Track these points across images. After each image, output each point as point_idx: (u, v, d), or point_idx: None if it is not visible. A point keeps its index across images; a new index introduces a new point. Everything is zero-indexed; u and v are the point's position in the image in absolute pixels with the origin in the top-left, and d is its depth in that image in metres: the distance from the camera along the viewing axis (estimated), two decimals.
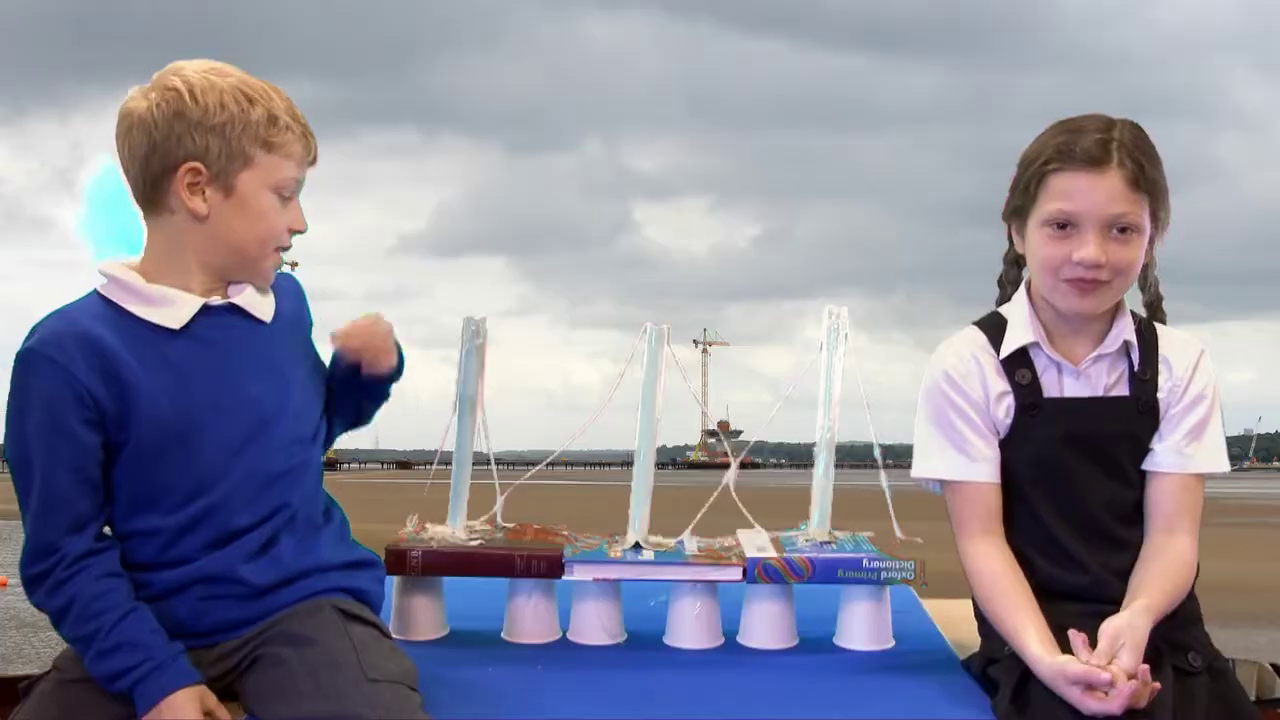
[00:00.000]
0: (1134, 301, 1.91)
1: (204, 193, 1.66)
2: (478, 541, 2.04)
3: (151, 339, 1.67)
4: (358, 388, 1.88)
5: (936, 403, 1.87)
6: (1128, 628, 1.64)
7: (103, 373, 1.63)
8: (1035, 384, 1.85)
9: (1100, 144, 1.76)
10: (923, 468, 1.89)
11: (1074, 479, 1.84)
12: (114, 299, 1.68)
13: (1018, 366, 1.85)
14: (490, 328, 2.04)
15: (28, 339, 1.64)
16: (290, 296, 1.84)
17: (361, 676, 1.57)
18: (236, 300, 1.73)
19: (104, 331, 1.64)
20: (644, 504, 2.06)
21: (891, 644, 2.04)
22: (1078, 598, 1.81)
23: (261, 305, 1.76)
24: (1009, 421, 1.85)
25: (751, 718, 1.75)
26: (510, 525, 2.14)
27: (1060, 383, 1.86)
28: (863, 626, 2.02)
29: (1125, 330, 1.85)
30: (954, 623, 2.15)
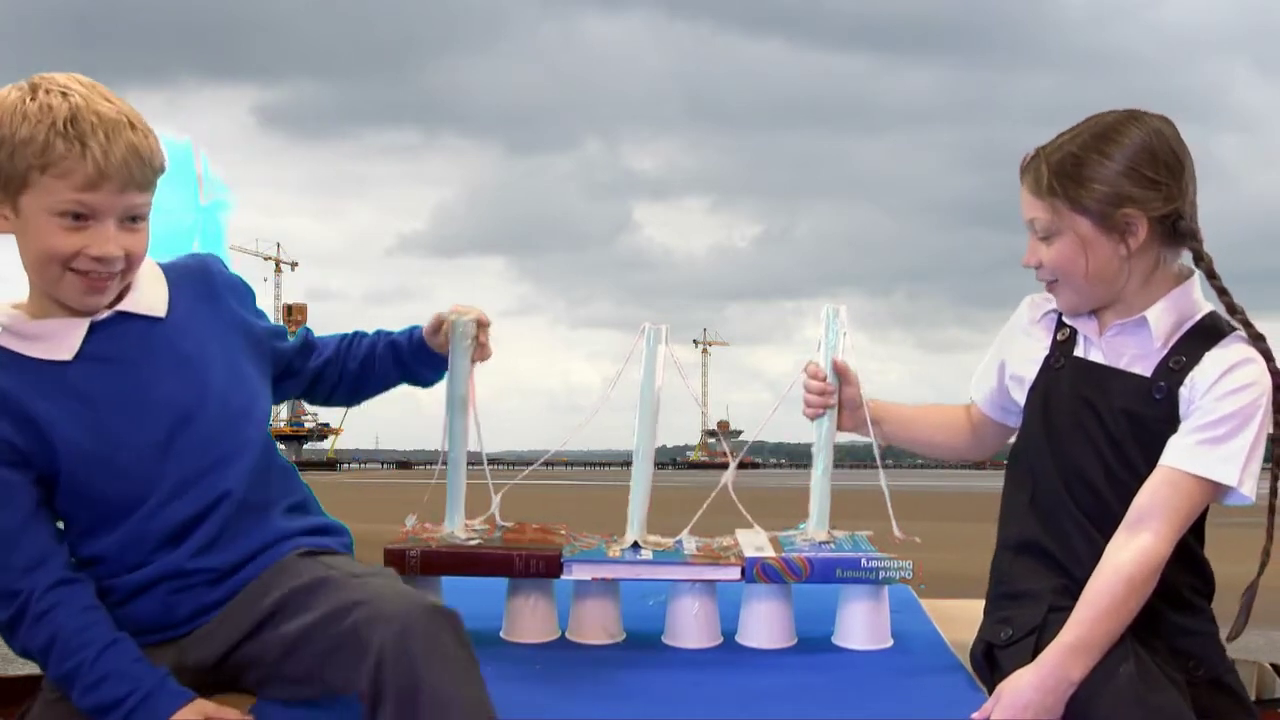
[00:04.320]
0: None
1: (2, 211, 1.63)
2: (476, 541, 2.04)
3: (48, 372, 1.66)
4: (413, 368, 2.03)
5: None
6: (1007, 684, 1.72)
7: (10, 416, 1.62)
8: (1070, 341, 1.91)
9: (1023, 164, 1.88)
10: None
11: (1075, 439, 1.85)
12: (4, 344, 1.67)
13: (1063, 324, 1.94)
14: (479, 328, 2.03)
15: None
16: (191, 280, 1.80)
17: (347, 578, 1.59)
18: (123, 307, 1.70)
19: (3, 377, 1.64)
20: (642, 503, 2.06)
21: (890, 643, 2.03)
22: (1056, 565, 1.83)
23: (152, 301, 1.73)
24: (1038, 367, 1.93)
25: (750, 717, 1.74)
26: (509, 525, 2.14)
27: (1086, 347, 1.90)
28: (861, 626, 2.02)
29: (1155, 311, 1.82)
30: (953, 622, 2.15)
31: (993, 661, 1.83)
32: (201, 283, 1.81)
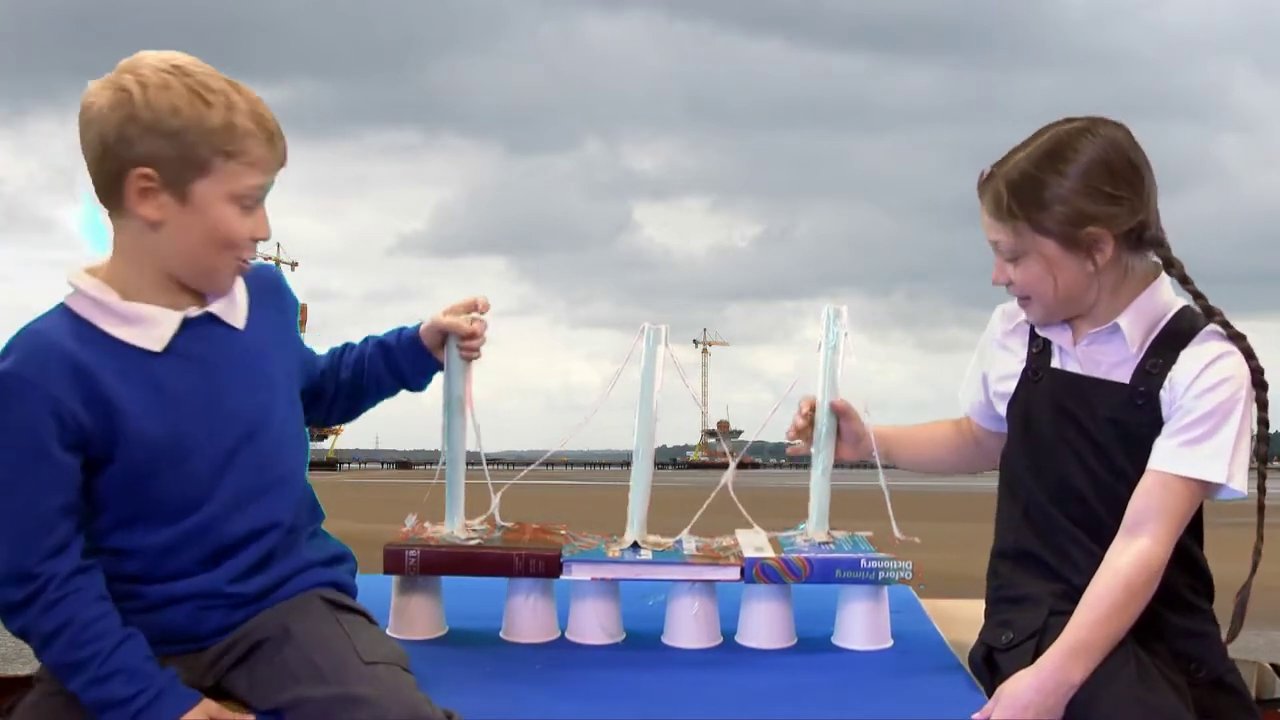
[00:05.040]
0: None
1: (158, 199, 1.59)
2: (476, 541, 2.03)
3: (134, 358, 1.62)
4: (402, 367, 1.95)
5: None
6: (1008, 686, 1.72)
7: (85, 394, 1.57)
8: (1045, 352, 1.91)
9: (980, 183, 1.87)
10: None
11: (1059, 452, 1.85)
12: (87, 316, 1.62)
13: (1036, 335, 1.93)
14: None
15: (2, 360, 1.57)
16: (267, 292, 1.78)
17: (358, 659, 1.58)
18: (213, 309, 1.69)
19: (83, 351, 1.58)
20: (642, 503, 2.06)
21: (890, 644, 2.03)
22: (1054, 574, 1.84)
23: (236, 311, 1.72)
24: (1015, 381, 1.93)
25: (750, 717, 1.74)
26: (509, 525, 2.14)
27: (1061, 358, 1.89)
28: (861, 626, 2.02)
29: (1127, 317, 1.82)
30: (953, 622, 2.15)
31: (992, 665, 1.83)
32: (275, 297, 1.80)
